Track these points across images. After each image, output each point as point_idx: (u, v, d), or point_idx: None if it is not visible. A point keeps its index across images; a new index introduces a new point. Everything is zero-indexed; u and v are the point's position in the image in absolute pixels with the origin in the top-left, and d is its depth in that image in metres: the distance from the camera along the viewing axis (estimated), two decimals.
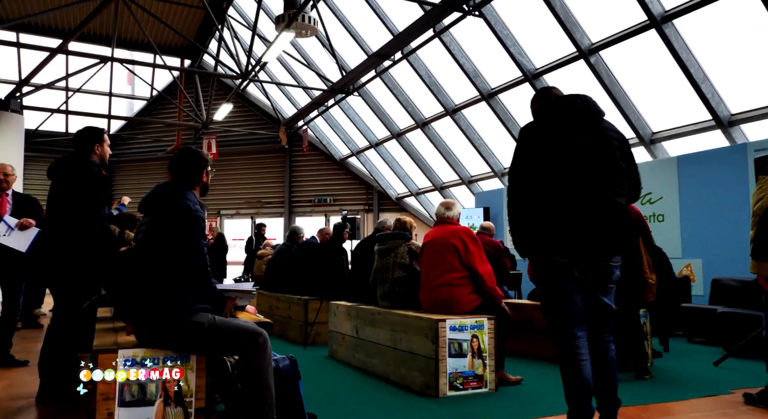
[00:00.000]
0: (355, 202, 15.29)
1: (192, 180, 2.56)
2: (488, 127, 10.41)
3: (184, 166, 2.56)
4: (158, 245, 2.36)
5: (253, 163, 16.32)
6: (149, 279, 2.35)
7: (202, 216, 2.43)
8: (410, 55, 10.04)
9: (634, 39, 7.07)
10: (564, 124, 2.35)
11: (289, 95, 14.89)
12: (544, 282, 2.36)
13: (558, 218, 2.27)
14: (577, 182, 2.27)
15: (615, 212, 2.29)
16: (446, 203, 3.96)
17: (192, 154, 2.61)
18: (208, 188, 2.67)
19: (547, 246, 2.29)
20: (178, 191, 2.45)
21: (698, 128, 7.27)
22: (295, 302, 5.78)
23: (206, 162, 2.62)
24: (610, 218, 2.27)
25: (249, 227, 16.22)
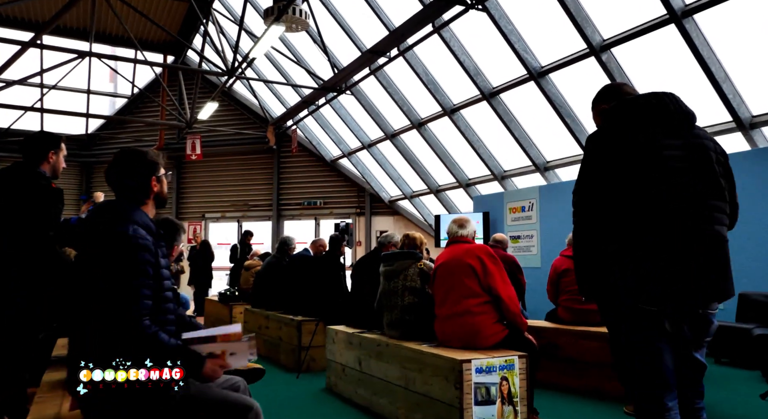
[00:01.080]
0: (346, 205, 14.74)
1: (137, 193, 1.98)
2: (489, 128, 9.91)
3: (123, 176, 1.97)
4: (90, 288, 1.79)
5: (240, 164, 15.68)
6: (85, 336, 1.78)
7: (146, 244, 1.83)
8: (407, 52, 9.51)
9: (650, 35, 6.61)
10: (649, 130, 1.82)
11: (277, 93, 14.29)
12: (623, 338, 1.83)
13: (644, 253, 1.74)
14: (669, 206, 1.74)
15: (717, 245, 1.76)
16: (459, 220, 3.43)
17: (131, 157, 2.00)
18: (164, 199, 2.09)
19: (630, 291, 1.76)
20: (117, 213, 1.88)
21: (718, 130, 6.82)
22: (287, 323, 5.22)
23: (154, 165, 2.02)
24: (712, 253, 1.75)
25: (235, 231, 15.59)
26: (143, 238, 1.84)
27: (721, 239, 1.78)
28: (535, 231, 9.28)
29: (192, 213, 15.97)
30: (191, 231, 15.86)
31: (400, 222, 14.17)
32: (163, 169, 2.09)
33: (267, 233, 15.29)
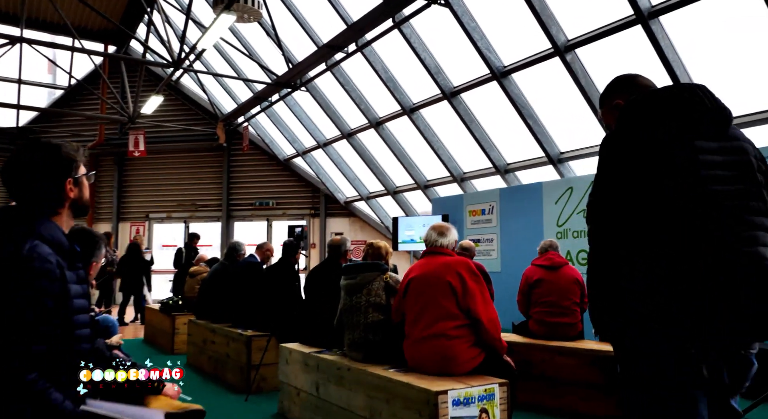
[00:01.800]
0: (300, 206, 14.21)
1: (47, 200, 1.54)
2: (449, 129, 9.65)
3: (27, 177, 1.52)
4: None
5: (187, 162, 14.90)
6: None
7: (46, 269, 1.39)
8: (365, 48, 9.13)
9: (615, 36, 6.47)
10: (680, 131, 1.50)
11: (228, 88, 13.63)
12: (649, 384, 1.49)
13: (676, 281, 1.41)
14: (705, 223, 1.42)
15: (763, 271, 1.45)
16: (439, 227, 3.07)
17: (39, 153, 1.55)
18: (85, 206, 1.63)
19: (658, 327, 1.43)
20: (13, 225, 1.43)
21: None
22: (236, 338, 4.74)
23: (70, 163, 1.57)
24: (757, 281, 1.43)
25: (182, 232, 14.81)
26: (43, 260, 1.38)
27: (765, 263, 1.47)
28: (495, 235, 9.07)
29: (135, 214, 15.07)
30: (133, 232, 14.96)
31: (356, 224, 13.78)
32: (84, 168, 1.63)
33: (216, 235, 14.58)
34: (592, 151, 7.90)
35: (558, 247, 4.38)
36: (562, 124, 8.08)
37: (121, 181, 15.17)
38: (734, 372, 1.46)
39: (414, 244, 10.30)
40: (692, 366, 1.41)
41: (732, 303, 1.39)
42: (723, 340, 1.41)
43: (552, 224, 8.08)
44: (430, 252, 3.01)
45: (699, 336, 1.40)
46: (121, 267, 9.21)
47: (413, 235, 10.24)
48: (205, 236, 14.70)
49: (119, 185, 15.12)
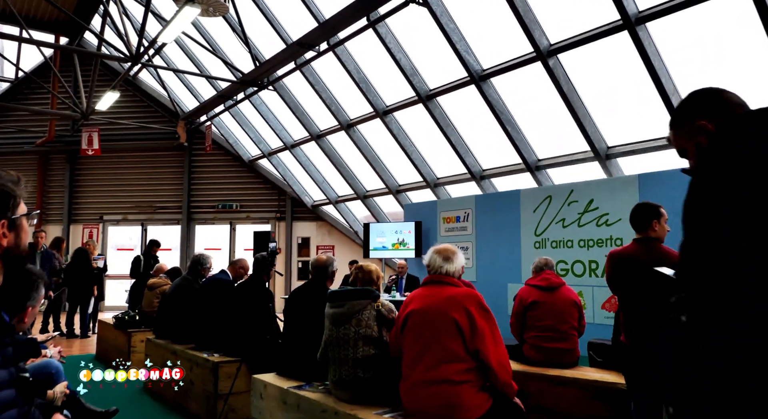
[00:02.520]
0: (265, 209, 13.68)
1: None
2: (423, 133, 9.36)
3: None
4: None
5: (145, 162, 14.15)
6: None
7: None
8: (337, 47, 8.74)
9: (600, 42, 6.29)
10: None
11: (190, 86, 12.98)
12: None
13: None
14: None
15: None
16: (443, 251, 2.73)
17: None
18: (21, 255, 1.20)
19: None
20: None
21: (663, 145, 6.63)
22: (201, 363, 4.29)
23: (2, 198, 1.16)
24: None
25: (139, 235, 14.07)
26: None
27: None
28: (470, 243, 8.82)
29: (88, 215, 14.22)
30: (86, 235, 14.12)
31: (323, 228, 13.35)
32: (23, 206, 1.21)
33: (176, 238, 13.90)
34: (570, 158, 7.73)
35: (554, 266, 4.11)
36: (540, 130, 7.89)
37: (72, 180, 14.29)
38: None
39: (386, 252, 9.97)
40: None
41: None
42: None
43: (530, 233, 7.88)
44: (434, 281, 2.66)
45: None
46: (68, 276, 8.52)
47: (385, 242, 9.91)
48: (164, 239, 14.01)
49: (71, 185, 14.24)
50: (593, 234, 7.06)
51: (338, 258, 12.43)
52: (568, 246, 7.36)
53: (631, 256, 2.97)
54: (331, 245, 13.17)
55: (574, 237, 7.29)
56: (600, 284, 6.90)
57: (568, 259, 7.34)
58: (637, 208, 3.09)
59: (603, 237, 6.95)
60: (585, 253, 7.14)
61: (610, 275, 3.02)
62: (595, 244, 7.04)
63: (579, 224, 7.24)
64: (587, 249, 7.13)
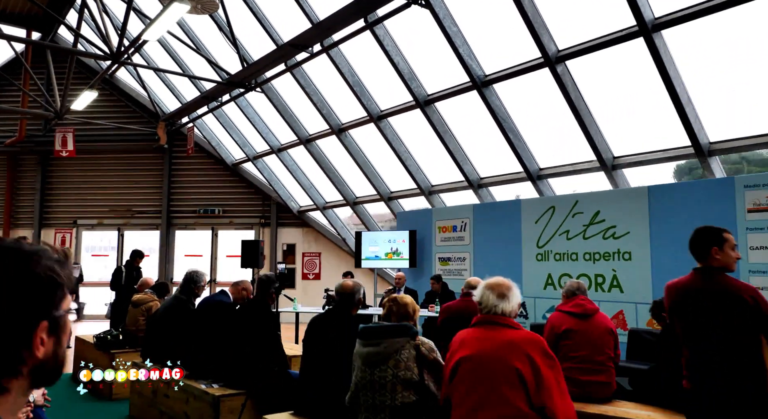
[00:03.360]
0: (249, 214, 13.21)
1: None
2: (419, 139, 9.06)
3: None
4: None
5: (123, 164, 13.54)
6: None
7: None
8: (332, 49, 8.39)
9: (611, 49, 6.07)
10: None
11: (171, 85, 12.45)
12: None
13: None
14: None
15: None
16: (497, 286, 2.40)
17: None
18: (58, 370, 0.84)
19: None
20: None
21: (673, 156, 6.45)
22: (199, 395, 3.90)
23: (47, 290, 0.78)
24: None
25: (115, 240, 13.46)
26: None
27: None
28: (468, 254, 8.54)
29: (60, 219, 13.55)
30: (59, 240, 13.45)
31: (309, 234, 12.94)
32: (69, 298, 0.86)
33: (154, 243, 13.32)
34: (574, 168, 7.52)
35: (586, 290, 3.82)
36: (543, 138, 7.67)
37: (44, 182, 13.60)
38: None
39: (378, 261, 9.64)
40: None
41: None
42: None
43: (531, 245, 7.63)
44: (487, 322, 2.33)
45: None
46: None
47: (377, 251, 9.57)
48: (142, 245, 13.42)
49: (42, 187, 13.55)
50: (599, 247, 6.84)
51: (324, 265, 12.02)
52: (572, 259, 7.13)
53: (688, 288, 2.70)
54: (317, 252, 12.78)
55: (579, 249, 7.06)
56: (607, 299, 6.69)
57: (572, 273, 7.10)
58: (694, 234, 2.82)
59: (610, 251, 6.73)
60: (591, 267, 6.92)
61: (670, 309, 2.73)
62: (602, 258, 6.82)
63: (584, 236, 7.02)
64: (593, 263, 6.90)
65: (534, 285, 7.49)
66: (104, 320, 12.76)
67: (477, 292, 2.42)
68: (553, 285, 7.32)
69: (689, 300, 2.66)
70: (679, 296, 2.71)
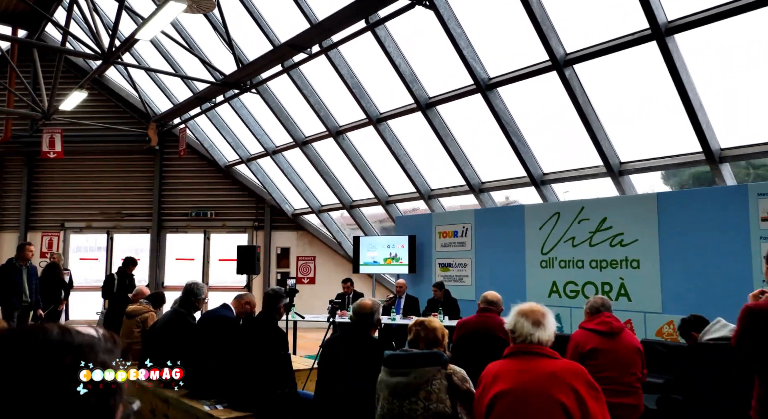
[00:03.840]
0: (242, 218, 12.95)
1: None
2: (419, 142, 8.88)
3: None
4: None
5: (112, 166, 13.21)
6: None
7: None
8: (331, 50, 8.18)
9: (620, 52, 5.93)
10: None
11: (163, 86, 12.15)
12: None
13: None
14: None
15: None
16: (531, 313, 2.19)
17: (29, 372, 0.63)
18: None
19: None
20: None
21: (683, 162, 6.33)
22: (202, 417, 3.68)
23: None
24: None
25: (104, 244, 13.13)
26: None
27: None
28: (469, 260, 8.38)
29: (47, 222, 13.19)
30: (46, 243, 13.10)
31: (304, 238, 12.71)
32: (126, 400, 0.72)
33: (145, 247, 13.01)
34: (579, 173, 7.38)
35: (611, 307, 3.66)
36: (548, 143, 7.52)
37: (31, 184, 13.23)
38: None
39: (376, 267, 9.45)
40: None
41: None
42: None
43: (536, 251, 7.49)
44: (523, 352, 2.14)
45: None
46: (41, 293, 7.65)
47: (376, 257, 9.38)
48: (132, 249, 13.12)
49: (29, 189, 13.18)
50: (606, 255, 6.71)
51: (319, 269, 11.79)
52: (578, 267, 6.99)
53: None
54: (312, 256, 12.55)
55: (585, 257, 6.92)
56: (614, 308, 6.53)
57: (578, 280, 6.97)
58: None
59: (617, 258, 6.60)
60: (597, 274, 6.79)
61: (745, 333, 2.43)
62: (609, 265, 6.68)
63: (591, 243, 6.88)
64: (600, 271, 6.77)
65: (538, 293, 7.34)
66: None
67: (509, 320, 2.23)
68: (558, 293, 7.18)
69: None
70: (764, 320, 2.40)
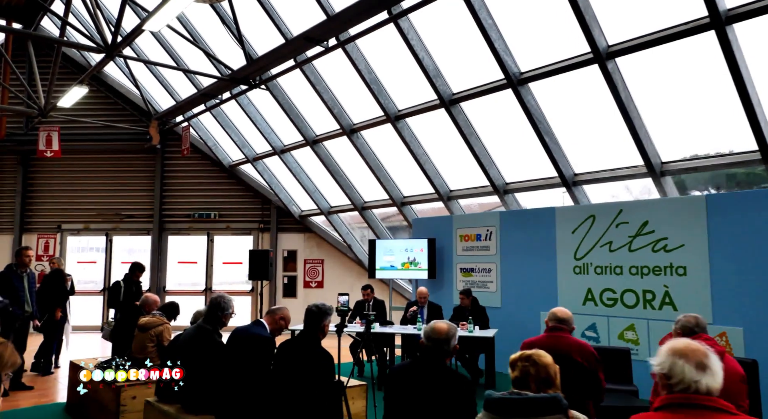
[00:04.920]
0: (247, 219, 12.47)
1: None
2: (439, 141, 8.45)
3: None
4: None
5: (112, 165, 12.69)
6: None
7: None
8: (348, 43, 7.73)
9: (671, 44, 5.53)
10: None
11: (165, 82, 11.65)
12: None
13: None
14: None
15: None
16: (690, 353, 1.70)
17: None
18: None
19: None
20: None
21: (734, 162, 5.93)
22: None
23: None
24: None
25: (103, 246, 12.61)
26: None
27: None
28: (494, 265, 7.96)
29: (44, 224, 12.65)
30: (42, 246, 12.57)
31: (311, 240, 12.25)
32: None
33: (146, 249, 12.51)
34: (613, 174, 6.98)
35: (707, 327, 3.24)
36: (581, 142, 7.11)
37: (26, 184, 12.69)
38: None
39: (393, 271, 9.01)
40: None
41: None
42: None
43: (568, 256, 7.08)
44: (690, 404, 1.71)
45: None
46: (41, 301, 7.14)
47: (393, 261, 8.94)
48: (133, 251, 12.62)
49: (24, 190, 12.64)
50: (648, 261, 6.30)
51: (328, 273, 11.29)
52: (616, 273, 6.59)
53: None
54: (320, 259, 12.10)
55: (624, 263, 6.52)
56: (657, 317, 6.16)
57: (616, 288, 6.56)
58: None
59: (661, 265, 6.19)
60: (638, 282, 6.38)
61: None
62: (651, 272, 6.28)
63: (630, 248, 6.48)
64: (641, 277, 6.36)
65: (571, 300, 6.94)
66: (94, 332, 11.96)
67: (661, 361, 1.79)
68: (593, 301, 6.78)
69: None
70: None
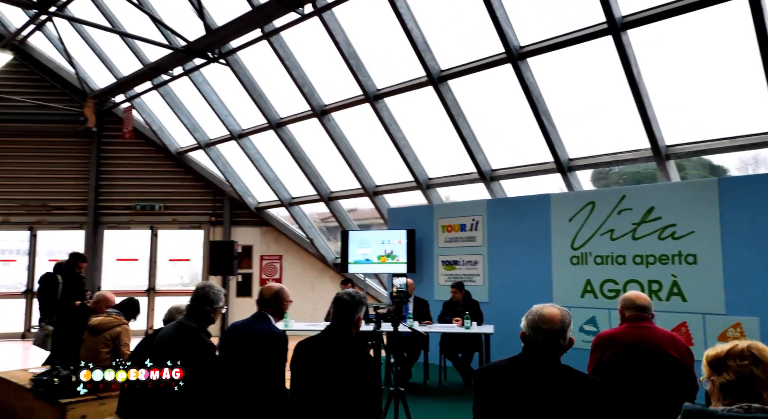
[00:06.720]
0: (196, 212, 11.36)
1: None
2: (422, 123, 7.84)
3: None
4: None
5: (38, 150, 11.22)
6: None
7: None
8: (325, 11, 6.98)
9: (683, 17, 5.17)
10: None
11: (104, 56, 10.39)
12: None
13: None
14: None
15: None
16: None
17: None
18: None
19: None
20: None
21: (746, 143, 5.65)
22: None
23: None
24: None
25: (27, 242, 11.12)
26: None
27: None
28: (480, 257, 7.42)
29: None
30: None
31: (269, 235, 11.32)
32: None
33: (78, 245, 11.12)
34: (614, 158, 6.60)
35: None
36: (578, 124, 6.69)
37: None
38: None
39: (368, 265, 8.30)
40: None
41: None
42: None
43: (564, 246, 6.63)
44: None
45: None
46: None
47: (368, 254, 8.23)
48: (62, 247, 11.20)
49: None
50: (655, 249, 5.93)
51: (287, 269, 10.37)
52: (618, 263, 6.19)
53: None
54: (278, 255, 11.18)
55: (628, 252, 6.12)
56: (665, 308, 5.78)
57: (619, 279, 6.16)
58: None
59: (668, 253, 5.84)
60: (643, 271, 6.00)
61: None
62: (658, 261, 5.91)
63: (634, 236, 6.10)
64: (646, 267, 5.99)
65: (568, 293, 6.51)
66: (16, 340, 10.50)
67: None
68: (593, 293, 6.36)
69: None
70: None
